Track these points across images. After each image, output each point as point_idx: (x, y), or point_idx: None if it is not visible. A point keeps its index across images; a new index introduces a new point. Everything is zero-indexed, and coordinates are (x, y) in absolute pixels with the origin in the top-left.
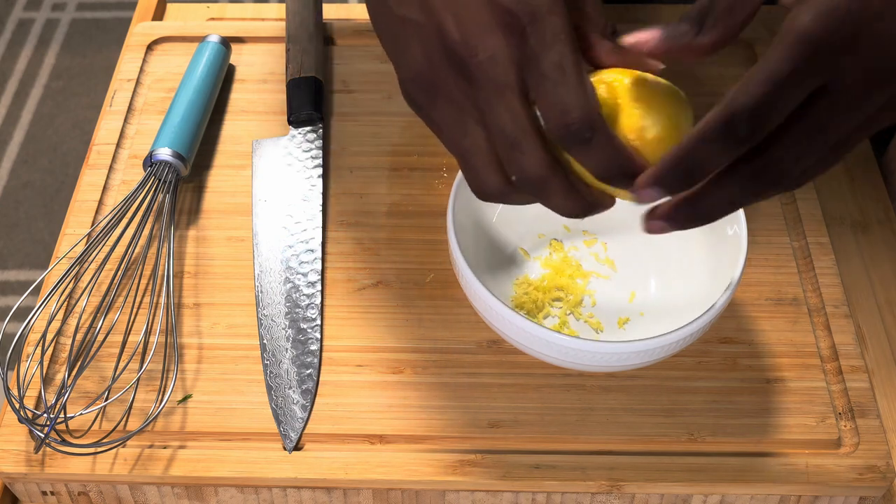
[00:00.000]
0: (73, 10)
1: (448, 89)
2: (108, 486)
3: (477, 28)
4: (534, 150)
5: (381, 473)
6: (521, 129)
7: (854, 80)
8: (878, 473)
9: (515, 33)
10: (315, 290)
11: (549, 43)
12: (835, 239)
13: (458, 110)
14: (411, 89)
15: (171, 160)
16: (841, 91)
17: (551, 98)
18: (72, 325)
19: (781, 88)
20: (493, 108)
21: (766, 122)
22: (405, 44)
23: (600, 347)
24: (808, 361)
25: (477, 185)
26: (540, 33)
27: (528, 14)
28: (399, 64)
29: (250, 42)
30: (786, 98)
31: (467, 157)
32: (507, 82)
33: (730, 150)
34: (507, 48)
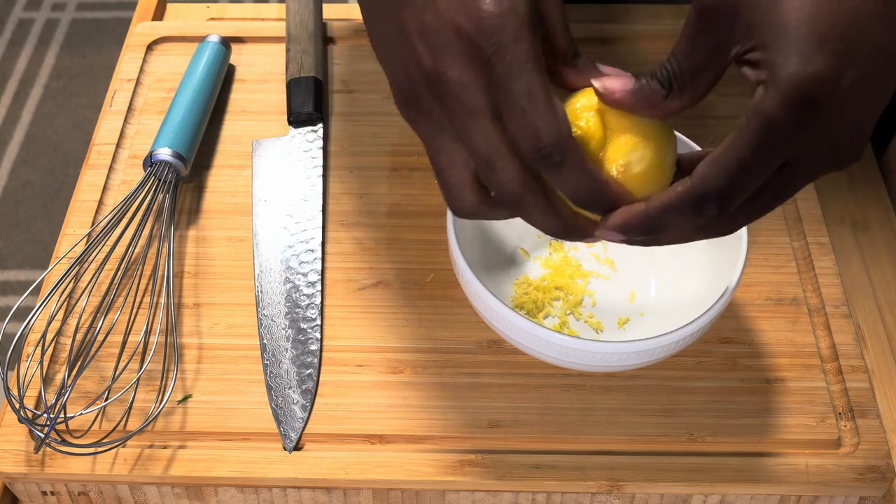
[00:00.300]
0: (73, 10)
1: (426, 107)
2: (108, 486)
3: (446, 55)
4: (509, 167)
5: (381, 473)
6: (495, 148)
7: (817, 154)
8: (878, 473)
9: (482, 61)
10: (315, 290)
11: (515, 71)
12: (835, 239)
13: (435, 128)
14: (398, 101)
15: (171, 160)
16: (801, 165)
17: (521, 124)
18: (72, 325)
19: (749, 172)
20: (467, 130)
21: (733, 203)
22: (390, 59)
23: (600, 347)
24: (808, 361)
25: (452, 202)
26: (506, 61)
27: (493, 44)
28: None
29: (250, 42)
30: (753, 180)
31: (443, 173)
32: (477, 106)
33: (695, 222)
34: (476, 75)
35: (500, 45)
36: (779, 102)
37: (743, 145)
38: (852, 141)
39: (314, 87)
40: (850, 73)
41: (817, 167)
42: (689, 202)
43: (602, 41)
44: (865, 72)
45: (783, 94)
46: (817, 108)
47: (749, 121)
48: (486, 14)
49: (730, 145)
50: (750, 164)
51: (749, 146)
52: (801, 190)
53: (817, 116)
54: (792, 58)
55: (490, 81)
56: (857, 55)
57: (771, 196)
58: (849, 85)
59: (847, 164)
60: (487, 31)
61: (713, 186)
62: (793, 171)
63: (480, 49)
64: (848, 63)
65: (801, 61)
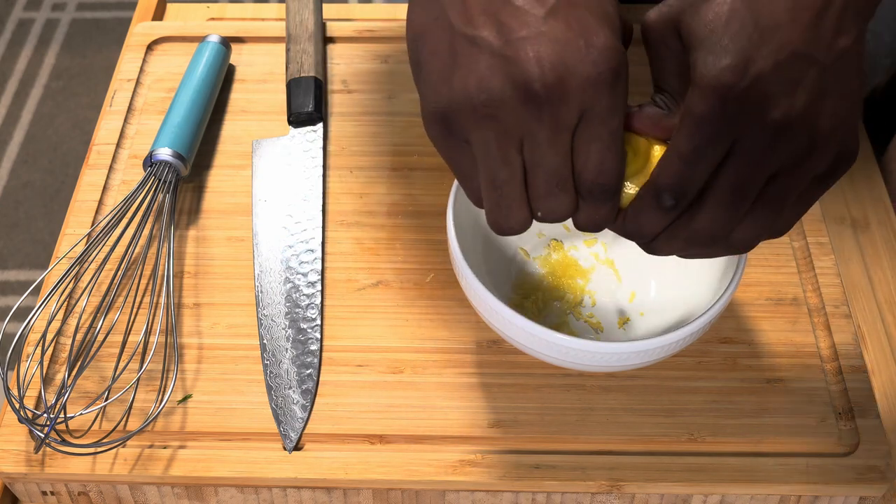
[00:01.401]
0: (73, 10)
1: (502, 115)
2: (108, 486)
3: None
4: (570, 190)
5: (381, 473)
6: (568, 171)
7: (752, 141)
8: (878, 473)
9: (594, 89)
10: (315, 290)
11: (617, 108)
12: (835, 239)
13: (504, 137)
14: (454, 108)
15: (171, 160)
16: (743, 152)
17: (598, 157)
18: (72, 325)
19: (690, 163)
20: (548, 146)
21: (686, 191)
22: (465, 64)
23: (600, 347)
24: (808, 361)
25: (504, 218)
26: (614, 96)
27: (613, 74)
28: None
29: (250, 42)
30: (697, 169)
31: (503, 184)
32: (567, 125)
33: (662, 217)
34: (582, 97)
35: (616, 79)
36: (698, 97)
37: (679, 140)
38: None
39: (314, 87)
40: (760, 61)
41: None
42: (650, 198)
43: None
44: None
45: (701, 89)
46: (732, 96)
47: (681, 118)
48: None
49: (671, 143)
50: (687, 156)
51: (683, 140)
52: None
53: (738, 104)
54: (707, 57)
55: (592, 109)
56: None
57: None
58: (761, 71)
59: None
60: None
61: (663, 181)
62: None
63: (598, 75)
64: (758, 52)
65: (713, 58)
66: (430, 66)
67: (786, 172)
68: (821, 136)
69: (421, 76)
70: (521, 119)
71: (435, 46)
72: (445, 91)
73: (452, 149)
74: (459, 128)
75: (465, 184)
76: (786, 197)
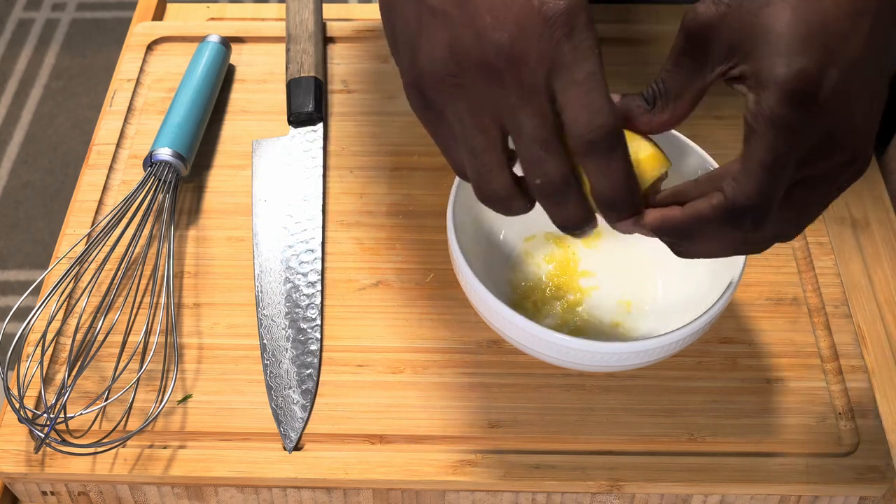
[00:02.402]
0: (73, 10)
1: (469, 86)
2: (108, 486)
3: (514, 30)
4: (559, 152)
5: (381, 473)
6: (550, 131)
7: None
8: (878, 473)
9: (552, 41)
10: (315, 290)
11: (584, 53)
12: (835, 239)
13: (475, 107)
14: (425, 81)
15: (171, 160)
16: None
17: (583, 102)
18: (72, 325)
19: (775, 174)
20: (522, 111)
21: (768, 210)
22: (428, 35)
23: (600, 347)
24: (808, 361)
25: (485, 185)
26: (577, 43)
27: (567, 24)
28: (414, 53)
29: (250, 42)
30: (781, 183)
31: (481, 155)
32: (537, 86)
33: (735, 234)
34: (542, 54)
35: (574, 27)
36: (777, 101)
37: (760, 150)
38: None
39: (314, 87)
40: (833, 67)
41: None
42: (726, 214)
43: (603, 41)
44: (847, 65)
45: (778, 92)
46: (811, 100)
47: (756, 128)
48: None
49: (748, 156)
50: (772, 165)
51: (766, 150)
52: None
53: (815, 109)
54: (777, 60)
55: (557, 60)
56: (837, 50)
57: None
58: (836, 79)
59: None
60: (568, 11)
61: (744, 196)
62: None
63: (554, 28)
64: (829, 58)
65: (787, 61)
66: (401, 39)
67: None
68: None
69: (396, 51)
70: (489, 87)
71: (405, 19)
72: (416, 65)
73: (431, 121)
74: (433, 101)
75: (448, 155)
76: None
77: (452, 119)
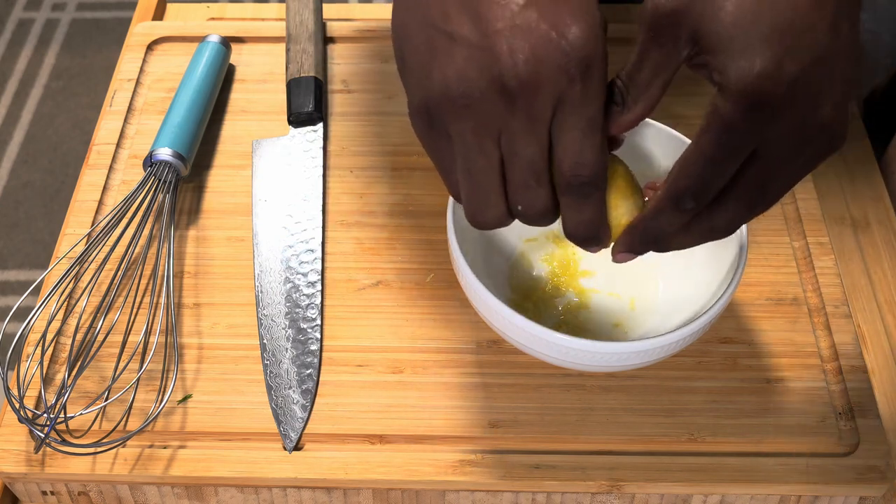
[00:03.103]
0: (73, 10)
1: (478, 107)
2: (108, 486)
3: (533, 60)
4: (547, 184)
5: (381, 473)
6: (544, 163)
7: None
8: (878, 473)
9: (566, 77)
10: (315, 290)
11: (591, 98)
12: (835, 239)
13: (480, 129)
14: (434, 101)
15: (171, 160)
16: (768, 156)
17: (575, 147)
18: (72, 325)
19: (715, 167)
20: (523, 138)
21: (706, 195)
22: (443, 57)
23: (600, 347)
24: (808, 361)
25: (477, 209)
26: (587, 86)
27: (583, 64)
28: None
29: (250, 42)
30: (719, 173)
31: (478, 174)
32: (542, 116)
33: (680, 219)
34: (555, 87)
35: (589, 68)
36: (732, 104)
37: (706, 144)
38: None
39: (314, 87)
40: (792, 65)
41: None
42: (668, 202)
43: None
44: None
45: (735, 96)
46: (766, 103)
47: (708, 121)
48: (585, 38)
49: (695, 144)
50: (714, 160)
51: (710, 144)
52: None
53: (770, 110)
54: (739, 61)
55: (565, 98)
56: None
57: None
58: (794, 76)
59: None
60: (584, 53)
61: (685, 185)
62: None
63: (570, 66)
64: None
65: (747, 63)
66: (412, 61)
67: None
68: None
69: (405, 72)
70: (497, 111)
71: (416, 42)
72: (426, 84)
73: (434, 142)
74: (440, 120)
75: (446, 177)
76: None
77: (455, 139)
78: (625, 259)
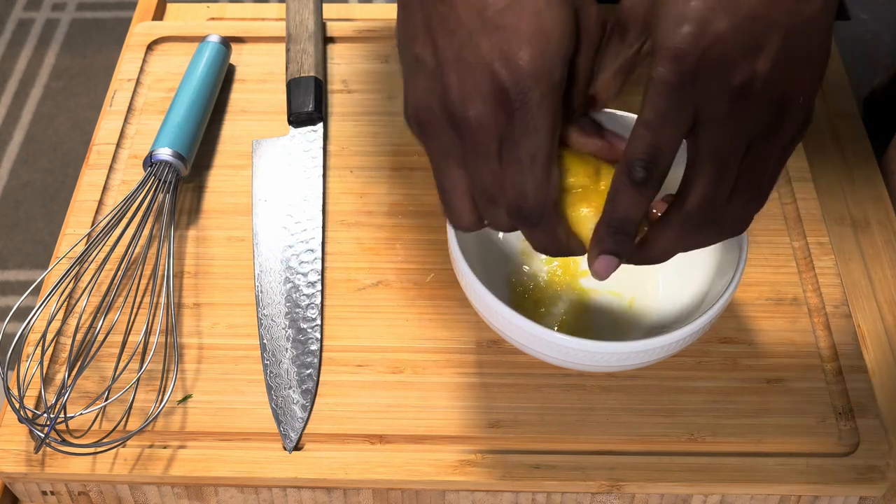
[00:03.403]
0: (73, 10)
1: (437, 133)
2: (108, 486)
3: (474, 94)
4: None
5: (381, 473)
6: (498, 187)
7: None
8: (878, 473)
9: (505, 111)
10: (315, 290)
11: (531, 131)
12: (835, 239)
13: (444, 151)
14: (410, 119)
15: (171, 160)
16: (711, 118)
17: (514, 180)
18: (72, 325)
19: (656, 131)
20: (475, 165)
21: (656, 163)
22: (413, 77)
23: (600, 347)
24: (808, 361)
25: (451, 219)
26: (525, 119)
27: (520, 99)
28: (406, 92)
29: (250, 42)
30: (663, 137)
31: (445, 191)
32: (489, 150)
33: (638, 195)
34: (495, 121)
35: (527, 102)
36: (662, 65)
37: (646, 111)
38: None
39: (314, 87)
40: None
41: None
42: (621, 176)
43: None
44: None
45: (664, 57)
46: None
47: (646, 88)
48: (524, 70)
49: (638, 117)
50: (654, 124)
51: (649, 109)
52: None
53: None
54: (666, 23)
55: (504, 133)
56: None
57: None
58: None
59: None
60: (520, 86)
61: (631, 153)
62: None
63: (508, 100)
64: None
65: (672, 24)
66: (403, 73)
67: (759, 141)
68: (788, 102)
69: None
70: (452, 139)
71: (403, 58)
72: (405, 102)
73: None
74: (417, 136)
75: None
76: (764, 167)
77: (427, 154)
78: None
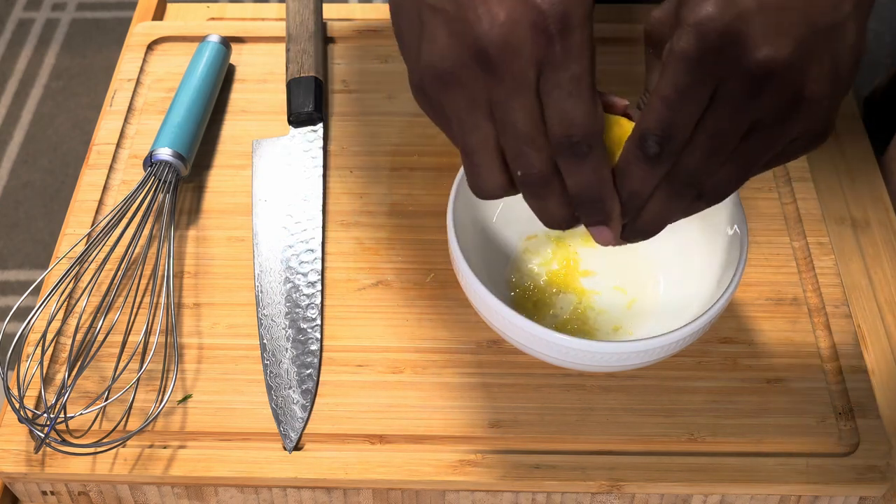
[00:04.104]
0: (73, 10)
1: (465, 81)
2: (108, 486)
3: (508, 23)
4: (542, 148)
5: (381, 473)
6: (534, 126)
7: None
8: (878, 473)
9: (544, 37)
10: (315, 290)
11: (573, 55)
12: (835, 239)
13: (471, 103)
14: (426, 79)
15: (171, 160)
16: (725, 96)
17: (562, 106)
18: (72, 325)
19: (674, 106)
20: (509, 104)
21: (671, 136)
22: (429, 32)
23: (600, 347)
24: (808, 361)
25: (478, 181)
26: (567, 43)
27: (561, 21)
28: (417, 53)
29: (250, 42)
30: (682, 112)
31: (473, 151)
32: (525, 80)
33: (650, 170)
34: (533, 48)
35: (567, 25)
36: (685, 40)
37: (663, 85)
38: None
39: (314, 87)
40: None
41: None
42: (633, 149)
43: (603, 41)
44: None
45: (687, 32)
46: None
47: (666, 62)
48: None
49: (655, 89)
50: (670, 99)
51: (667, 84)
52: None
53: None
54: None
55: (546, 58)
56: None
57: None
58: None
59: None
60: (561, 7)
61: (646, 125)
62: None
63: (547, 24)
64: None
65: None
66: (406, 38)
67: (766, 126)
68: (805, 97)
69: (402, 50)
70: (482, 82)
71: (408, 19)
72: (419, 63)
73: (437, 118)
74: (434, 98)
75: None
76: (762, 153)
77: (451, 116)
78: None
